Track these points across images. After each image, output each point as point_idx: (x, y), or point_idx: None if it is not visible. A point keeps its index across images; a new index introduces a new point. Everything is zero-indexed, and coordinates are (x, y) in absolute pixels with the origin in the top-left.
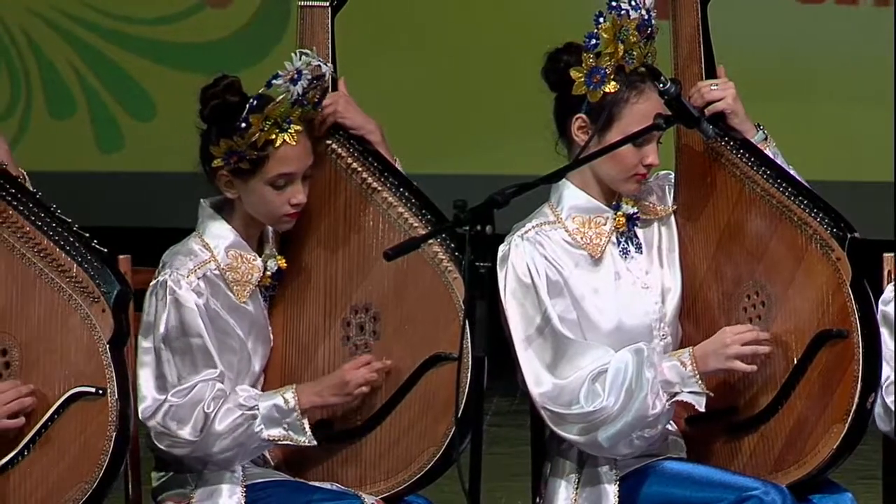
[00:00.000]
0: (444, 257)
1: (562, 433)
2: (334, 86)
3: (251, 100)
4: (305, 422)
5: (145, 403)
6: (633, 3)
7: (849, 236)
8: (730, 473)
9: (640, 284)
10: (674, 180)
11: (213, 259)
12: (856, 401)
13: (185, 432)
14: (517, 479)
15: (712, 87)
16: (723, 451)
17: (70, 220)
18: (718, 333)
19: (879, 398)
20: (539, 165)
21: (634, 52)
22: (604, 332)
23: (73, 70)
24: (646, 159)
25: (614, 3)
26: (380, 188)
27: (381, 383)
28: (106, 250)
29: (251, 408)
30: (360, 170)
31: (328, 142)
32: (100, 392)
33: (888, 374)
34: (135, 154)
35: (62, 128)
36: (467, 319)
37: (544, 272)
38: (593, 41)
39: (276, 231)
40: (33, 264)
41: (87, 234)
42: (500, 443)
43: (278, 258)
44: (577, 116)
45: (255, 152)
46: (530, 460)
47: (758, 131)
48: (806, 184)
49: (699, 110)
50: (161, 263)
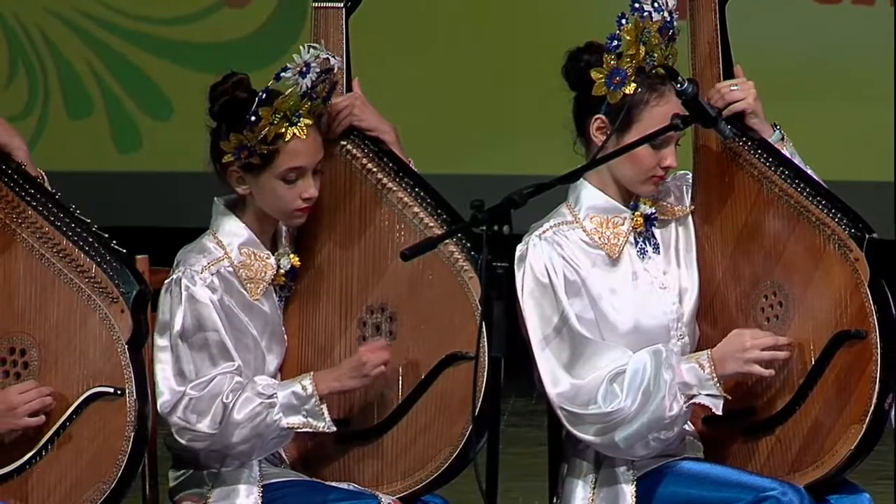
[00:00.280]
0: (459, 257)
1: (578, 433)
2: (349, 86)
3: (260, 93)
4: (324, 407)
5: (164, 398)
6: (655, 4)
7: (867, 237)
8: (747, 474)
9: (658, 285)
10: (691, 180)
11: (227, 256)
12: (874, 401)
13: (204, 425)
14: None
15: (732, 88)
16: (740, 451)
17: (89, 220)
18: (736, 336)
19: None
20: (556, 165)
21: (655, 54)
22: (621, 332)
23: (90, 70)
24: (663, 162)
25: (637, 5)
26: (395, 188)
27: (395, 377)
28: (125, 250)
29: (270, 396)
30: (375, 170)
31: (343, 143)
32: (118, 392)
33: None
34: (152, 154)
35: (80, 128)
36: (484, 319)
37: (562, 272)
38: (615, 42)
39: (291, 231)
40: (52, 264)
41: (106, 235)
42: (516, 443)
43: (291, 256)
44: (596, 117)
45: (266, 146)
46: (547, 460)
47: (775, 131)
48: (823, 184)
49: (716, 110)
50: (175, 262)
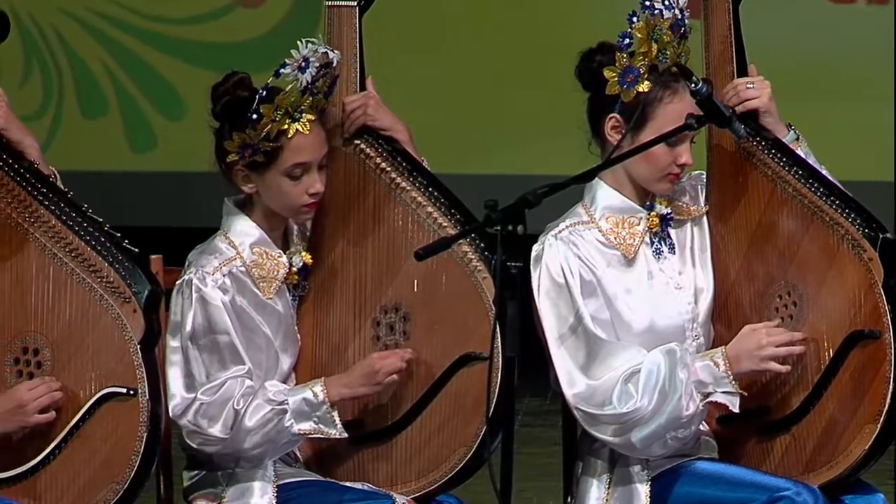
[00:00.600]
0: (473, 257)
1: (596, 433)
2: (363, 85)
3: (261, 90)
4: (335, 414)
5: (175, 402)
6: (666, 2)
7: (881, 237)
8: (761, 474)
9: (674, 285)
10: (706, 180)
11: (239, 256)
12: (888, 401)
13: (215, 430)
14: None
15: (748, 86)
16: (754, 451)
17: (101, 219)
18: (751, 333)
19: None
20: (571, 165)
21: (668, 52)
22: (636, 332)
23: (105, 70)
24: (679, 159)
25: (648, 3)
26: (409, 188)
27: (409, 377)
28: (137, 250)
29: (281, 402)
30: (388, 169)
31: (356, 142)
32: (131, 392)
33: None
34: (166, 154)
35: (94, 127)
36: (498, 319)
37: (578, 272)
38: (627, 41)
39: (303, 229)
40: (65, 264)
41: (119, 234)
42: (531, 443)
43: (304, 254)
44: (610, 116)
45: (269, 144)
46: (561, 460)
47: (789, 131)
48: (838, 184)
49: (731, 110)
50: (187, 263)
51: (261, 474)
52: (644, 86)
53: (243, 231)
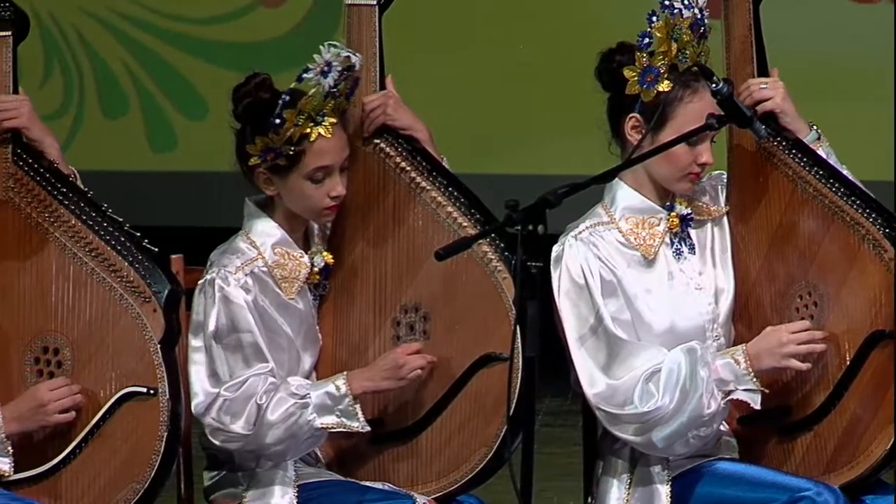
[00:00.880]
0: (493, 257)
1: (617, 433)
2: (382, 84)
3: (283, 95)
4: (358, 407)
5: (198, 399)
6: (685, 1)
7: None
8: (782, 474)
9: (694, 285)
10: (726, 180)
11: (261, 256)
12: None
13: (238, 426)
14: (569, 479)
15: (761, 87)
16: (775, 451)
17: (121, 219)
18: (772, 332)
19: None
20: (591, 165)
21: (687, 51)
22: (657, 332)
23: (125, 69)
24: (699, 158)
25: (667, 2)
26: (428, 187)
27: (430, 377)
28: (157, 250)
29: (303, 396)
30: (408, 169)
31: (376, 141)
32: (151, 392)
33: None
34: (187, 153)
35: (115, 127)
36: (518, 319)
37: (598, 273)
38: (646, 40)
39: (323, 229)
40: (85, 263)
41: (138, 234)
42: (551, 443)
43: (325, 254)
44: (630, 116)
45: (291, 147)
46: (582, 460)
47: (811, 131)
48: (859, 184)
49: (751, 110)
50: (209, 262)
51: (281, 475)
52: (664, 85)
53: (265, 231)
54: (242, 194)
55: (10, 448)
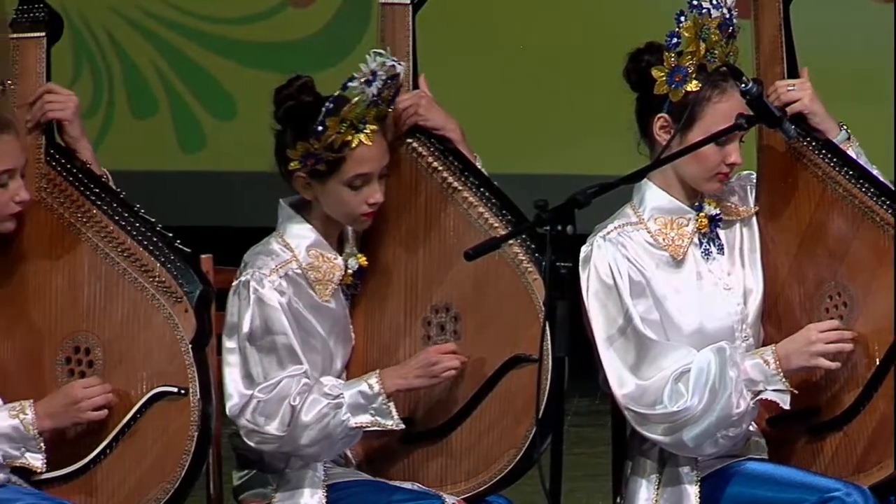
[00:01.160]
0: (524, 258)
1: (646, 433)
2: (415, 84)
3: (327, 103)
4: (392, 405)
5: (232, 401)
6: (714, 1)
7: None
8: (811, 474)
9: (722, 285)
10: (755, 181)
11: (295, 259)
12: None
13: (272, 427)
14: (597, 479)
15: (789, 88)
16: (804, 452)
17: (153, 219)
18: (803, 331)
19: None
20: (621, 165)
21: (716, 51)
22: (685, 333)
23: (155, 70)
24: (728, 158)
25: (696, 2)
26: (460, 188)
27: (460, 378)
28: (189, 250)
29: (336, 396)
30: (440, 169)
31: (409, 141)
32: (182, 392)
33: None
34: (216, 153)
35: (144, 127)
36: (548, 320)
37: (626, 273)
38: (675, 40)
39: (357, 231)
40: (117, 264)
41: (170, 234)
42: (580, 443)
43: (359, 256)
44: (658, 116)
45: (332, 154)
46: (611, 460)
47: (840, 131)
48: (888, 184)
49: (781, 110)
50: (242, 264)
51: (310, 475)
52: (692, 85)
53: (299, 234)
54: (271, 194)
55: (42, 445)
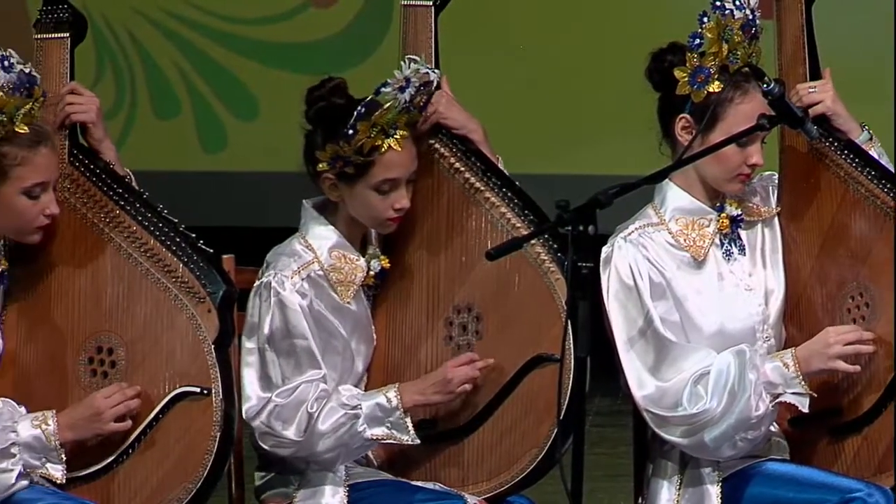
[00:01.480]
0: (546, 258)
1: (665, 435)
2: (437, 85)
3: (359, 107)
4: (408, 420)
5: (250, 403)
6: (737, 2)
7: None
8: (833, 475)
9: (744, 286)
10: (777, 181)
11: (317, 260)
12: None
13: (289, 432)
14: (619, 480)
15: (811, 90)
16: (826, 452)
17: (176, 220)
18: (821, 333)
19: None
20: (643, 165)
21: (738, 52)
22: (706, 334)
23: (177, 70)
24: (750, 159)
25: (718, 3)
26: (483, 188)
27: (483, 382)
28: (212, 250)
29: (354, 407)
30: (463, 170)
31: (431, 141)
32: (205, 392)
33: None
34: (238, 154)
35: (167, 128)
36: (569, 320)
37: (647, 274)
38: (697, 41)
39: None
40: (140, 264)
41: (193, 234)
42: (601, 443)
43: (382, 258)
44: (680, 116)
45: (361, 158)
46: (632, 461)
47: (863, 132)
48: None
49: (803, 111)
50: (265, 264)
51: (332, 476)
52: (715, 86)
53: (322, 235)
54: (293, 195)
55: (63, 456)
